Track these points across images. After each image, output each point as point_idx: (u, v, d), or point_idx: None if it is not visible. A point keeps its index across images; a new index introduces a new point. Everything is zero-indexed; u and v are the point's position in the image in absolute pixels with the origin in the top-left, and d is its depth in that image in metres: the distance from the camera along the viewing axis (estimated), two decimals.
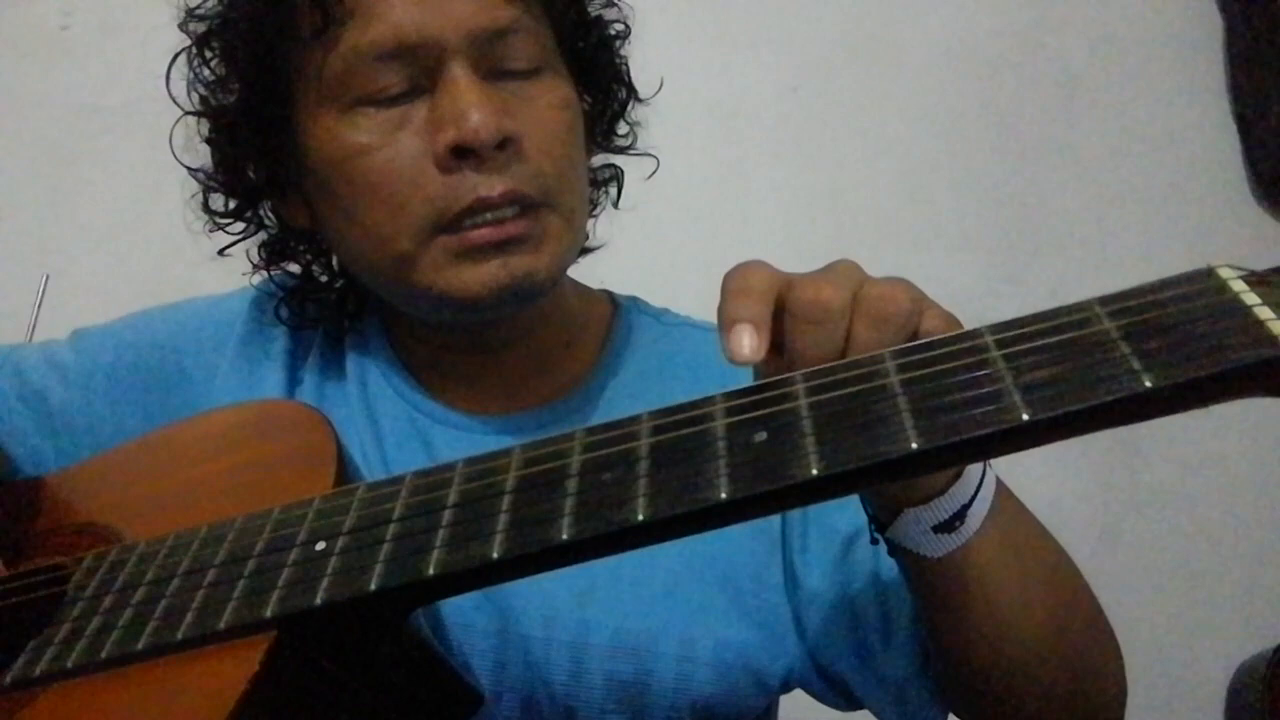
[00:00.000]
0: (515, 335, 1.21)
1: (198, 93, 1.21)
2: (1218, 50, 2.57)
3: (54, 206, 2.47)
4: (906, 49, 2.58)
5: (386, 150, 1.09)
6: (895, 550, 0.93)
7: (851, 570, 1.12)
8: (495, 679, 1.10)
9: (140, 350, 1.29)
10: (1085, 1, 2.58)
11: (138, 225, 2.42)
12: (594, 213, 1.35)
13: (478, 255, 1.08)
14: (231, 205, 1.25)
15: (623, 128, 1.32)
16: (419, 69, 1.08)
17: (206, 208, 1.26)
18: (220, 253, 1.29)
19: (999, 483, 0.92)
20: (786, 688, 1.18)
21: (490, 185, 1.07)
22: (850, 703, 1.17)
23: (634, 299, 1.36)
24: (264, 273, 1.30)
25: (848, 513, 1.01)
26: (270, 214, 1.26)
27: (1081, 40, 2.58)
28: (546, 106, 1.12)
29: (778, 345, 0.79)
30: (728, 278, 0.81)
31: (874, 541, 0.94)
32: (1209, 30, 2.57)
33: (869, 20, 2.58)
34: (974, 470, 0.88)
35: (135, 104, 2.18)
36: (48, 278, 1.95)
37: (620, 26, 1.29)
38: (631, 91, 1.31)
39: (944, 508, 0.87)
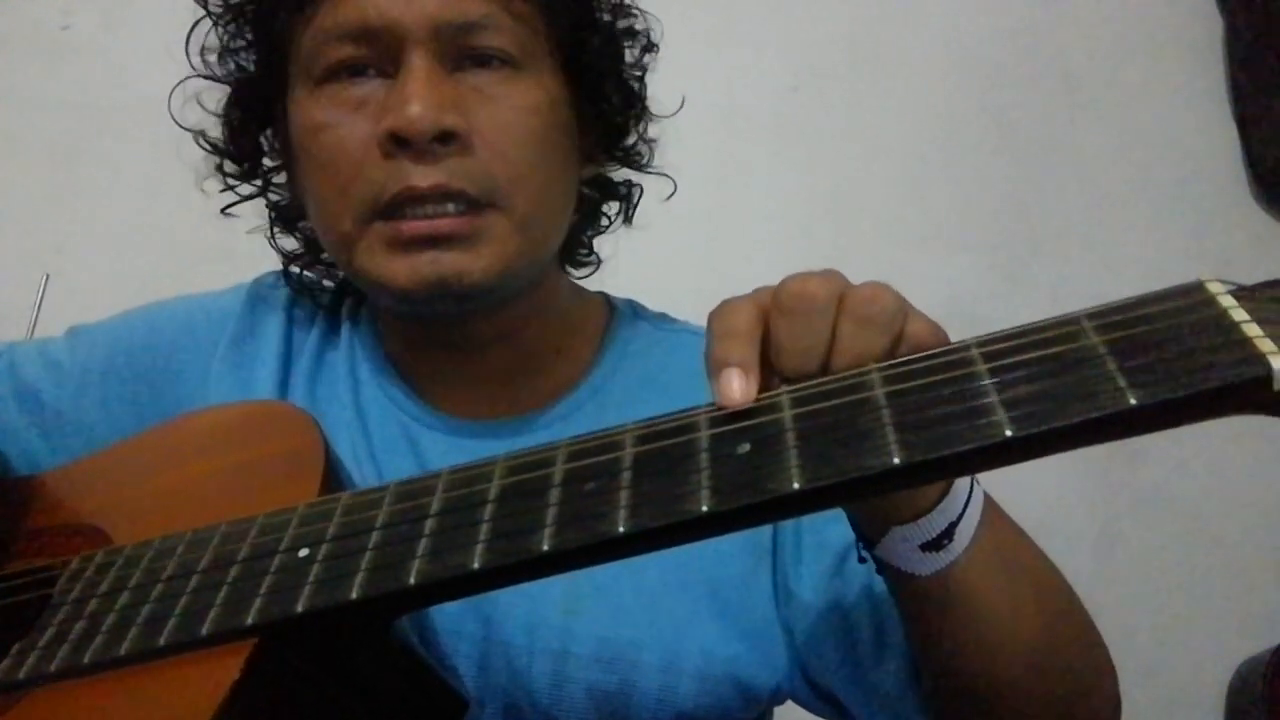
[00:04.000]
0: (496, 335, 1.21)
1: (205, 60, 1.24)
2: (1218, 50, 2.56)
3: (54, 206, 2.47)
4: (906, 49, 2.57)
5: (340, 129, 1.10)
6: (883, 568, 0.92)
7: (844, 583, 1.10)
8: (479, 686, 1.10)
9: (133, 349, 1.29)
10: (1085, 1, 2.57)
11: (138, 225, 2.41)
12: (600, 229, 1.34)
13: (409, 247, 1.08)
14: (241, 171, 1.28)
15: (633, 140, 1.31)
16: (382, 53, 1.09)
17: (220, 169, 1.28)
18: (223, 211, 1.31)
19: (987, 498, 0.91)
20: (775, 700, 1.18)
21: (422, 176, 1.07)
22: (841, 714, 1.16)
23: (631, 303, 1.35)
24: (270, 242, 1.32)
25: (841, 525, 1.00)
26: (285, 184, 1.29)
27: (1081, 40, 2.57)
28: (511, 107, 1.11)
29: (765, 359, 0.78)
30: (712, 318, 0.80)
31: (861, 560, 0.93)
32: (1209, 30, 2.57)
33: (869, 20, 2.57)
34: (961, 487, 0.87)
35: (135, 104, 2.18)
36: (48, 278, 1.95)
37: (642, 39, 1.28)
38: (639, 105, 1.29)
39: (931, 526, 0.86)
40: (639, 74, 1.28)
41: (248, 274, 1.34)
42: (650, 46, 1.29)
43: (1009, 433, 0.63)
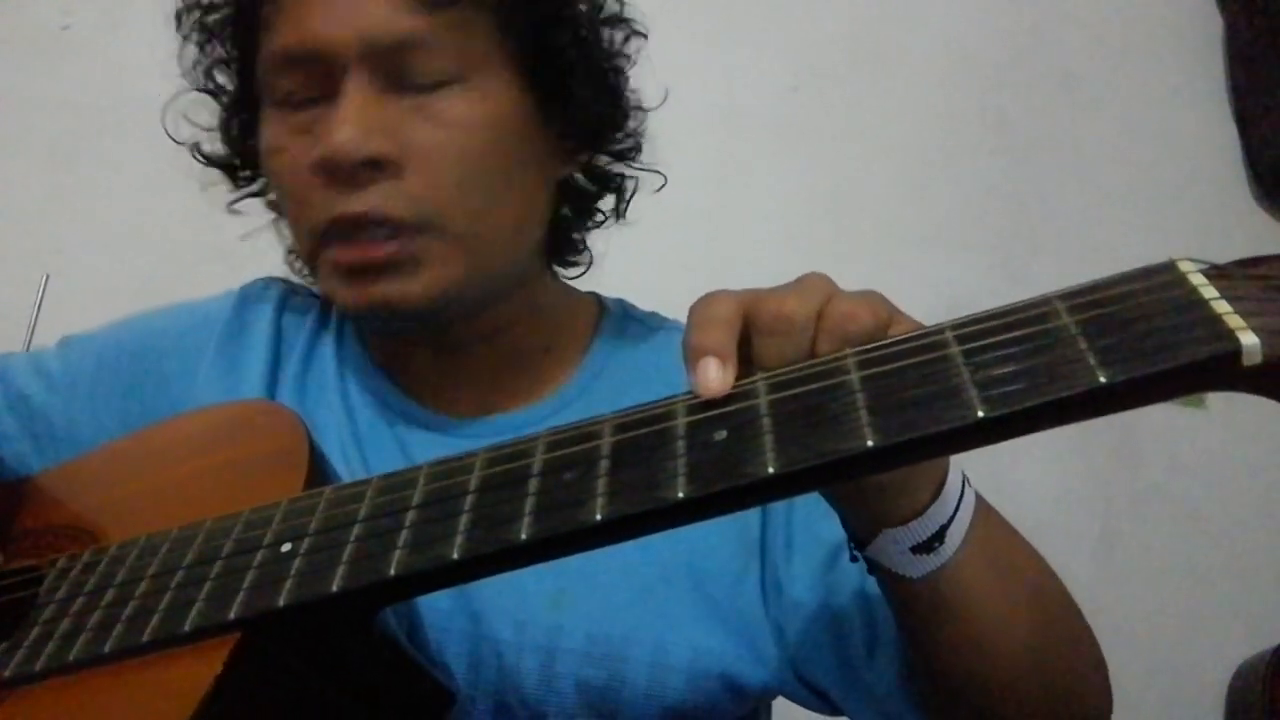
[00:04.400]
0: (481, 335, 1.20)
1: (199, 70, 1.25)
2: (1218, 50, 2.56)
3: (54, 206, 2.47)
4: (906, 49, 2.57)
5: (289, 154, 1.11)
6: (874, 568, 0.92)
7: (836, 580, 1.10)
8: (469, 682, 1.09)
9: (122, 357, 1.29)
10: (1085, 1, 2.57)
11: (138, 225, 2.42)
12: (593, 223, 1.34)
13: (346, 275, 1.10)
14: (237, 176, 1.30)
15: (619, 135, 1.29)
16: (324, 76, 1.09)
17: (225, 169, 1.29)
18: (229, 206, 1.32)
19: (979, 500, 0.91)
20: (766, 696, 1.18)
21: (348, 204, 1.07)
22: (831, 709, 1.16)
23: (621, 302, 1.34)
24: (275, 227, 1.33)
25: (833, 522, 0.98)
26: None
27: (1081, 40, 2.57)
28: (450, 124, 1.09)
29: (745, 359, 0.78)
30: (692, 310, 0.80)
31: (853, 559, 0.93)
32: (1209, 30, 2.57)
33: (869, 20, 2.57)
34: (952, 490, 0.86)
35: (135, 104, 2.17)
36: (48, 278, 1.95)
37: (624, 28, 1.26)
38: (619, 98, 1.26)
39: (922, 529, 0.86)
40: (619, 64, 1.26)
41: (247, 274, 1.34)
42: (634, 34, 1.27)
43: (981, 414, 0.64)
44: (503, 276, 1.18)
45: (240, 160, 1.28)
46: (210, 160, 1.28)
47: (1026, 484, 2.32)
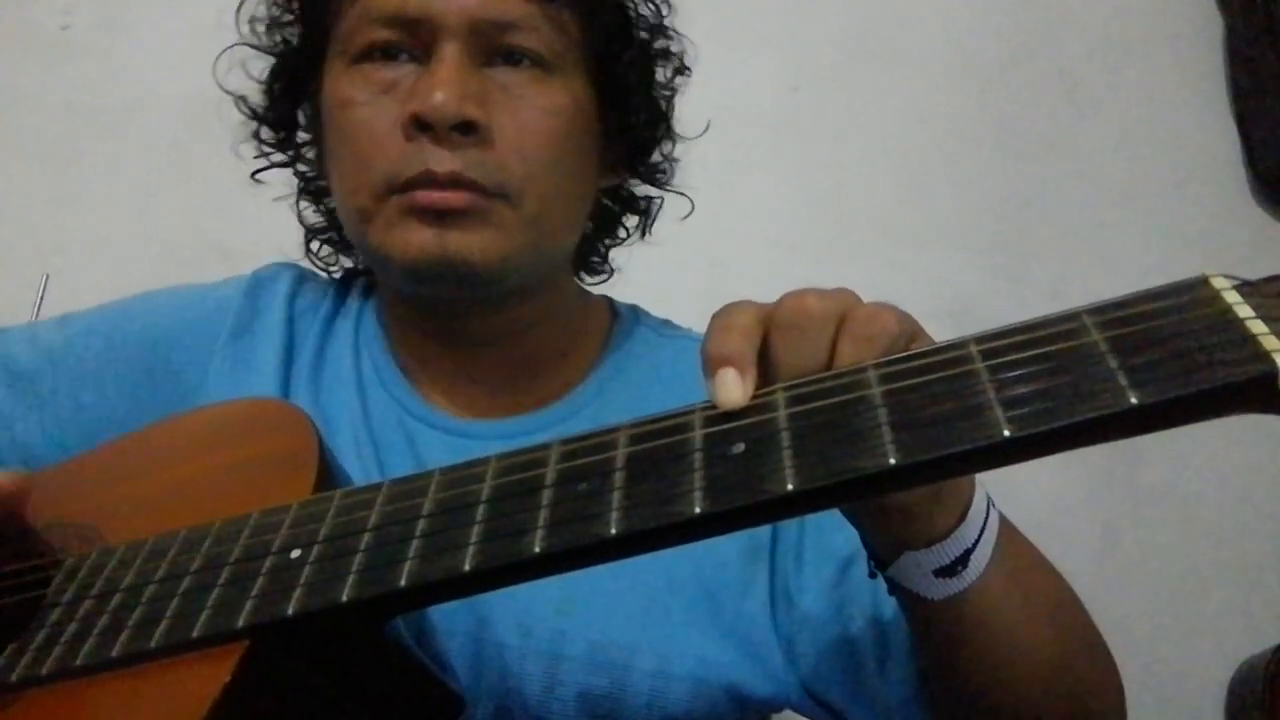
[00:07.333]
0: (504, 332, 1.22)
1: (258, 31, 1.30)
2: (1218, 50, 2.56)
3: (54, 206, 2.47)
4: (906, 49, 2.57)
5: (368, 108, 1.14)
6: (894, 588, 0.91)
7: (847, 593, 1.09)
8: (470, 686, 1.08)
9: (130, 344, 1.28)
10: (1085, 2, 2.57)
11: (138, 225, 2.41)
12: (618, 240, 1.37)
13: (418, 218, 1.11)
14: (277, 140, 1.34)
15: (657, 158, 1.33)
16: (417, 41, 1.12)
17: (258, 135, 1.34)
18: (253, 176, 1.37)
19: (1003, 520, 0.90)
20: (770, 707, 1.17)
21: (440, 161, 1.10)
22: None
23: (634, 308, 1.35)
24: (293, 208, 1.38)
25: (846, 532, 0.97)
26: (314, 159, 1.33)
27: (1081, 40, 2.56)
28: (534, 107, 1.13)
29: (765, 371, 0.77)
30: (713, 318, 0.79)
31: (872, 575, 0.92)
32: (1209, 30, 2.56)
33: (869, 20, 2.57)
34: (977, 513, 0.85)
35: (135, 104, 2.18)
36: (48, 278, 1.95)
37: (675, 61, 1.32)
38: (665, 123, 1.32)
39: (946, 553, 0.85)
40: (668, 94, 1.31)
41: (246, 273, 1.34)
42: (682, 69, 1.33)
43: (1006, 433, 0.62)
44: (547, 265, 1.21)
45: (277, 122, 1.32)
46: (255, 114, 1.32)
47: (1026, 484, 2.31)
